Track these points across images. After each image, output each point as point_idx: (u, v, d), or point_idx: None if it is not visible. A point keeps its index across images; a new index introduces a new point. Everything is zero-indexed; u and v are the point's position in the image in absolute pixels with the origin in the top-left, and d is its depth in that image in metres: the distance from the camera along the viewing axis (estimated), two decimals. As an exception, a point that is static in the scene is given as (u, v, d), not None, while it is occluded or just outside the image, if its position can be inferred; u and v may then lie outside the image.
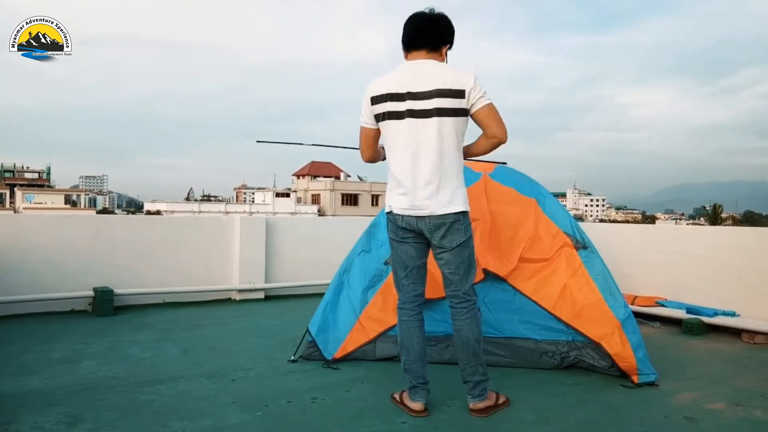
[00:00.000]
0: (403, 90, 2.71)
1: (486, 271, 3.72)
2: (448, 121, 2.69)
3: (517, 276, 3.74)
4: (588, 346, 3.53)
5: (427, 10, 2.80)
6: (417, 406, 2.84)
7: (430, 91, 2.67)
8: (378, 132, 2.85)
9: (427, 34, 2.78)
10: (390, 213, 2.87)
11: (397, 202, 2.81)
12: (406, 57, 2.84)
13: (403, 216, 2.80)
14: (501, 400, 2.97)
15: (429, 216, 2.73)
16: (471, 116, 2.73)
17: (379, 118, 2.79)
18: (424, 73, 2.72)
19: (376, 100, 2.77)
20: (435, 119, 2.68)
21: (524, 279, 3.73)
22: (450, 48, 2.88)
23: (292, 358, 3.68)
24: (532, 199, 3.98)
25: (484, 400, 2.87)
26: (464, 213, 2.77)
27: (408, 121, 2.71)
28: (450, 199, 2.72)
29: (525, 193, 4.02)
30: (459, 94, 2.67)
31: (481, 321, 2.91)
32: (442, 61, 2.83)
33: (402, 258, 2.91)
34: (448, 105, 2.67)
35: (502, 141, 2.76)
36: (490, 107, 2.71)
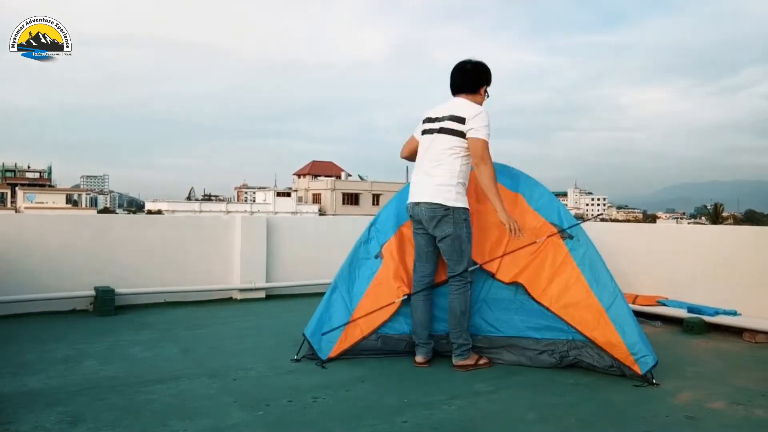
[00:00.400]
0: (434, 116, 3.67)
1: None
2: (448, 137, 3.54)
3: (505, 270, 3.77)
4: (587, 345, 3.53)
5: (469, 60, 3.67)
6: (419, 358, 3.64)
7: (444, 116, 3.60)
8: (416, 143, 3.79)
9: (463, 86, 3.67)
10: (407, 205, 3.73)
11: (410, 195, 3.69)
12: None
13: (411, 204, 3.65)
14: (482, 361, 3.62)
15: (421, 203, 3.56)
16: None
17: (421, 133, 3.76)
18: (450, 105, 3.64)
19: (423, 121, 3.76)
20: (441, 135, 3.56)
21: (513, 271, 3.76)
22: (488, 86, 3.72)
23: (295, 357, 3.68)
24: (517, 194, 3.97)
25: (464, 359, 3.58)
26: (453, 209, 3.49)
27: (426, 136, 3.67)
28: (436, 194, 3.51)
29: (510, 188, 3.99)
30: (461, 120, 3.52)
31: (470, 299, 3.61)
32: (480, 100, 3.67)
33: (416, 246, 3.74)
34: (451, 126, 3.53)
35: (477, 169, 3.48)
36: (478, 141, 3.46)
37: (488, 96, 3.74)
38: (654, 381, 3.33)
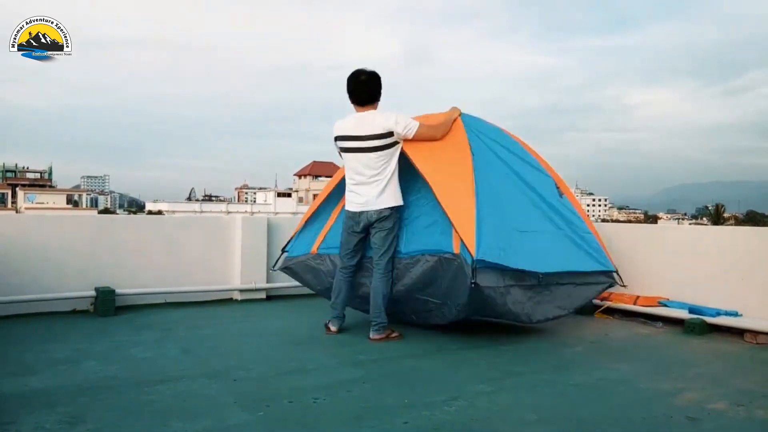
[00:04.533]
0: (352, 133, 4.11)
1: None
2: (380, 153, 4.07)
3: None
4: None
5: (362, 72, 4.13)
6: (334, 329, 4.32)
7: (369, 135, 4.05)
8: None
9: (362, 96, 4.14)
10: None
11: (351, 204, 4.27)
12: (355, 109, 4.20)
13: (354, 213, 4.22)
14: (393, 335, 4.19)
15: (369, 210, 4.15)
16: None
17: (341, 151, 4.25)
18: (366, 121, 4.10)
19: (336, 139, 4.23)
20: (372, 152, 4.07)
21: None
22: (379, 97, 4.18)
23: (273, 268, 4.60)
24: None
25: (379, 334, 4.15)
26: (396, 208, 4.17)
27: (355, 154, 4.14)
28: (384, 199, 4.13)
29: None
30: (390, 134, 4.03)
31: (390, 284, 4.18)
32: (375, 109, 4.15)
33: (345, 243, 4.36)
34: (381, 143, 4.04)
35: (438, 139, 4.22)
36: (420, 131, 4.08)
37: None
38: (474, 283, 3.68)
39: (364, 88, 4.11)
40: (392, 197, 4.10)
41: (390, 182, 4.08)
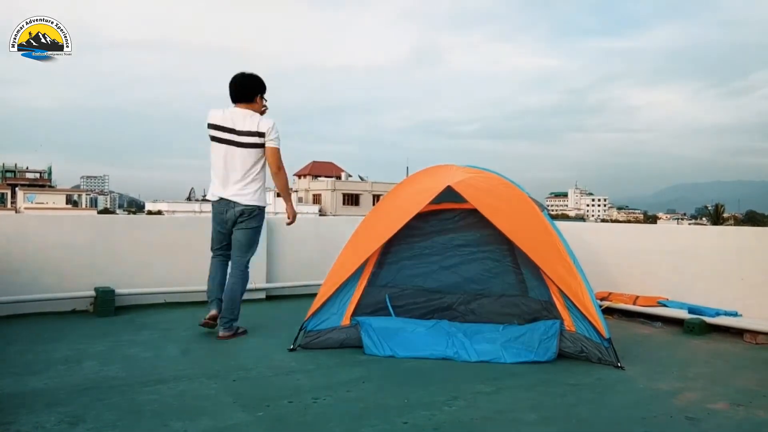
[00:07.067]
0: (227, 125, 4.20)
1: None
2: (254, 150, 4.21)
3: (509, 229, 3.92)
4: (563, 331, 3.81)
5: (242, 73, 4.26)
6: (214, 311, 4.31)
7: (243, 131, 4.17)
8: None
9: (241, 94, 4.26)
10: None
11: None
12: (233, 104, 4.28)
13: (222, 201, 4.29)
14: (240, 330, 4.34)
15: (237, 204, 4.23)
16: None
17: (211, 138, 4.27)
18: (241, 117, 4.20)
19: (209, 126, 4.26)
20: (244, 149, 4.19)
21: (519, 236, 3.93)
22: (263, 94, 4.32)
23: (291, 347, 3.87)
24: (495, 175, 4.34)
25: (229, 331, 4.26)
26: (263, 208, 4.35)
27: (226, 146, 4.20)
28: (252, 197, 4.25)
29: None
30: (261, 134, 4.17)
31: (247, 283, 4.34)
32: (258, 107, 4.27)
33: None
34: (253, 141, 4.18)
35: (273, 172, 4.32)
36: (275, 151, 4.23)
37: (266, 101, 4.36)
38: (620, 365, 3.57)
39: (241, 87, 4.26)
40: (262, 198, 4.31)
41: (261, 183, 4.29)
